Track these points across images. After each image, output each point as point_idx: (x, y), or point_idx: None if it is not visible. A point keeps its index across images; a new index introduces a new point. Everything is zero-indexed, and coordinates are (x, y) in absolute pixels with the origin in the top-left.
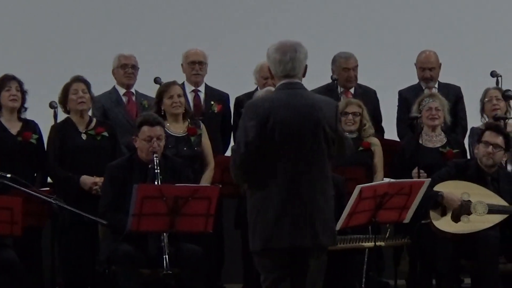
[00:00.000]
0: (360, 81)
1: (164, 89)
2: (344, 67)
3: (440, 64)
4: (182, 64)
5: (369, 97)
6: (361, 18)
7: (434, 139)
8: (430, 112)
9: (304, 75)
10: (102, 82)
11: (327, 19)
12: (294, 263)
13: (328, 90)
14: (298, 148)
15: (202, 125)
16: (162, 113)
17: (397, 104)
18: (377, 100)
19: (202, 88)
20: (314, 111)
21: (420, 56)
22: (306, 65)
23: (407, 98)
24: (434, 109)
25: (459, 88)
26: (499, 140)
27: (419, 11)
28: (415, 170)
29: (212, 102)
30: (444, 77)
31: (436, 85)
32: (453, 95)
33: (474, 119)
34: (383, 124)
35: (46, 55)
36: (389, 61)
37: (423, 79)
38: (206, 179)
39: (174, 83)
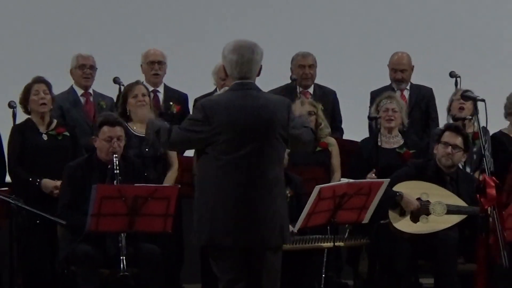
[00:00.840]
0: (321, 82)
1: (129, 88)
2: (300, 64)
3: (413, 67)
4: (141, 65)
5: (328, 98)
6: (330, 18)
7: (391, 140)
8: (387, 113)
9: (258, 75)
10: (60, 82)
11: (292, 20)
12: (249, 264)
13: (287, 90)
14: (250, 148)
15: None
16: (128, 114)
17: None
18: (337, 101)
19: (161, 89)
20: (266, 111)
21: (393, 58)
22: (261, 66)
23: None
24: (391, 110)
25: (431, 89)
26: (459, 140)
27: (384, 14)
28: (369, 175)
29: (171, 103)
30: (416, 80)
31: (408, 87)
32: (425, 96)
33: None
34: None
35: (2, 55)
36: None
37: (395, 81)
38: (169, 180)
39: (138, 82)
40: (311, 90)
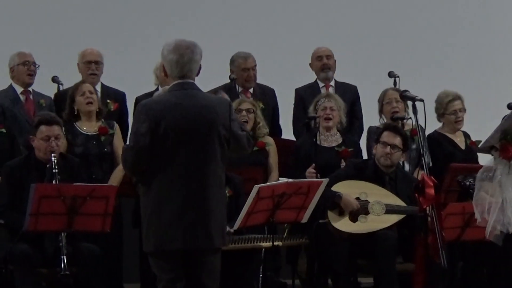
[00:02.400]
0: (260, 80)
1: (76, 87)
2: (243, 67)
3: (335, 61)
4: (78, 64)
5: (268, 96)
6: (260, 17)
7: (329, 138)
8: (325, 112)
9: (197, 75)
10: None
11: (226, 19)
12: (189, 264)
13: (227, 89)
14: (192, 150)
15: (116, 126)
16: (76, 113)
17: (293, 102)
18: (276, 100)
19: (98, 87)
20: (207, 112)
21: (315, 49)
22: (200, 65)
23: (303, 96)
24: (329, 108)
25: (355, 87)
26: (397, 140)
27: (317, 10)
28: (310, 169)
29: (108, 101)
30: (341, 77)
31: (333, 84)
32: (350, 94)
33: (371, 118)
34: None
35: None
36: (287, 61)
37: (322, 69)
38: (114, 179)
39: (83, 81)
40: (251, 89)
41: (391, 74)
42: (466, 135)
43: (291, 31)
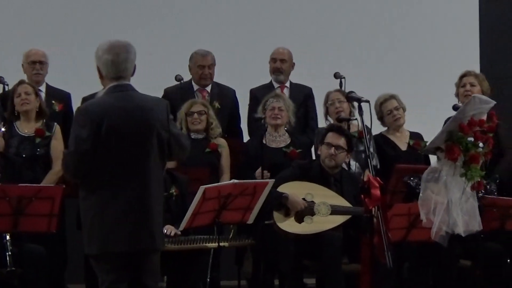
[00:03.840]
0: (220, 80)
1: (14, 88)
2: (199, 64)
3: (294, 64)
4: (22, 64)
5: (227, 96)
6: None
7: (277, 139)
8: (273, 111)
9: (132, 75)
10: None
11: (183, 18)
12: (131, 265)
13: (184, 88)
14: (133, 151)
15: (57, 128)
16: (16, 114)
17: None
18: (236, 99)
19: (43, 88)
20: (147, 113)
21: (274, 50)
22: (135, 65)
23: (257, 97)
24: (277, 108)
25: (310, 88)
26: (342, 141)
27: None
28: (259, 170)
29: (53, 102)
30: (294, 77)
31: (288, 85)
32: (304, 95)
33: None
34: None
35: None
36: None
37: (274, 71)
38: (47, 182)
39: (21, 82)
40: (209, 88)
41: (337, 75)
42: (414, 136)
43: (251, 31)
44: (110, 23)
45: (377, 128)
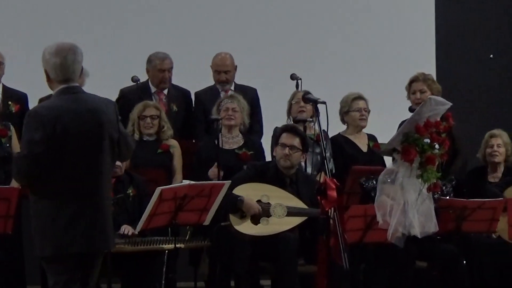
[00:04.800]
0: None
1: None
2: (159, 68)
3: (236, 67)
4: None
5: (183, 98)
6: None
7: (231, 140)
8: (227, 112)
9: (80, 77)
10: None
11: (136, 18)
12: (82, 266)
13: (142, 90)
14: (86, 153)
15: (12, 128)
16: None
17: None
18: (191, 101)
19: None
20: (98, 115)
21: (216, 59)
22: (82, 67)
23: (202, 99)
24: (231, 109)
25: (255, 90)
26: (296, 141)
27: (217, 12)
28: (213, 168)
29: (10, 102)
30: (241, 79)
31: (232, 87)
32: (249, 96)
33: (274, 120)
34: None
35: None
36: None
37: (219, 82)
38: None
39: None
40: (165, 90)
41: (293, 77)
42: (371, 138)
43: (197, 32)
44: (66, 23)
45: (334, 129)
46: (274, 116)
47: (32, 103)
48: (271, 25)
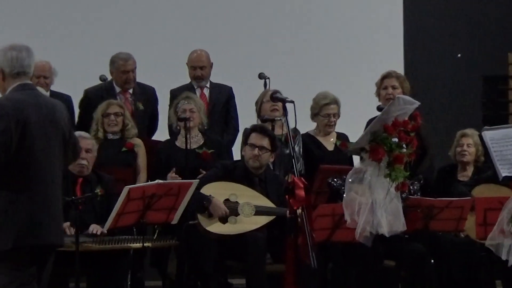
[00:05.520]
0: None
1: None
2: (122, 70)
3: (212, 64)
4: None
5: (148, 96)
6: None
7: (191, 140)
8: (184, 113)
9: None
10: None
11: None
12: (36, 262)
13: (105, 89)
14: (43, 149)
15: None
16: None
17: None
18: (156, 98)
19: None
20: (55, 112)
21: (192, 55)
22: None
23: (177, 96)
24: (188, 110)
25: (230, 88)
26: (265, 142)
27: (189, 10)
28: (171, 174)
29: None
30: (213, 77)
31: (208, 85)
32: (225, 95)
33: (245, 119)
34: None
35: None
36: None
37: (195, 78)
38: None
39: None
40: (130, 90)
41: (261, 76)
42: (340, 137)
43: (169, 31)
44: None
45: (304, 128)
46: (242, 115)
47: None
48: (239, 25)
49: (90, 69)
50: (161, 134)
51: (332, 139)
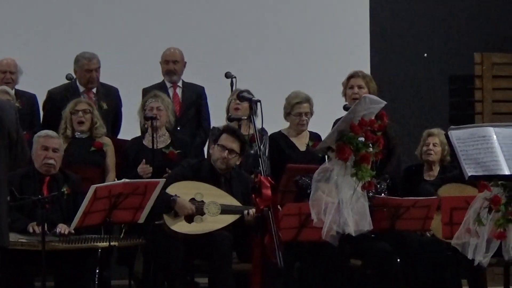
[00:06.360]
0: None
1: None
2: (86, 68)
3: (185, 63)
4: None
5: (111, 96)
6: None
7: (158, 139)
8: (151, 112)
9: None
10: None
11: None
12: None
13: (69, 89)
14: None
15: None
16: None
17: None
18: (119, 99)
19: None
20: (2, 113)
21: (165, 52)
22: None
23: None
24: (155, 108)
25: (202, 88)
26: (235, 145)
27: (158, 11)
28: (142, 165)
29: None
30: (186, 76)
31: (180, 84)
32: (197, 94)
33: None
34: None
35: None
36: (132, 60)
37: (167, 73)
38: None
39: None
40: (94, 89)
41: (227, 75)
42: (313, 137)
43: (139, 31)
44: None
45: (272, 127)
46: (212, 114)
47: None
48: (207, 24)
49: (56, 68)
50: (126, 134)
51: (304, 139)
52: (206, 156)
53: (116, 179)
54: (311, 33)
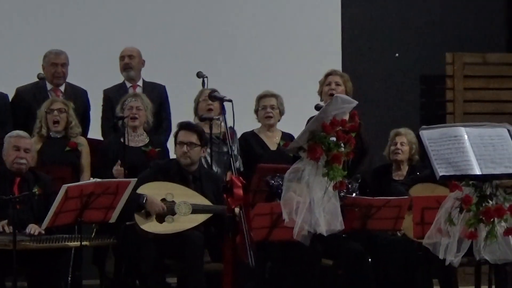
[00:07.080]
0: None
1: None
2: (52, 62)
3: (143, 62)
4: None
5: (79, 96)
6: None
7: (136, 138)
8: (131, 111)
9: None
10: None
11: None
12: None
13: (37, 88)
14: None
15: None
16: None
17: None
18: (87, 100)
19: None
20: None
21: (123, 50)
22: None
23: (111, 97)
24: (135, 108)
25: (164, 87)
26: (193, 138)
27: (124, 10)
28: (116, 167)
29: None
30: (150, 76)
31: (141, 84)
32: (158, 94)
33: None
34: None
35: None
36: (96, 61)
37: (124, 69)
38: None
39: None
40: (62, 88)
41: (199, 75)
42: (285, 137)
43: (100, 32)
44: None
45: (244, 127)
46: (180, 114)
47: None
48: (177, 23)
49: (27, 67)
50: (95, 135)
51: (276, 139)
52: (171, 156)
53: (91, 179)
54: (282, 33)
